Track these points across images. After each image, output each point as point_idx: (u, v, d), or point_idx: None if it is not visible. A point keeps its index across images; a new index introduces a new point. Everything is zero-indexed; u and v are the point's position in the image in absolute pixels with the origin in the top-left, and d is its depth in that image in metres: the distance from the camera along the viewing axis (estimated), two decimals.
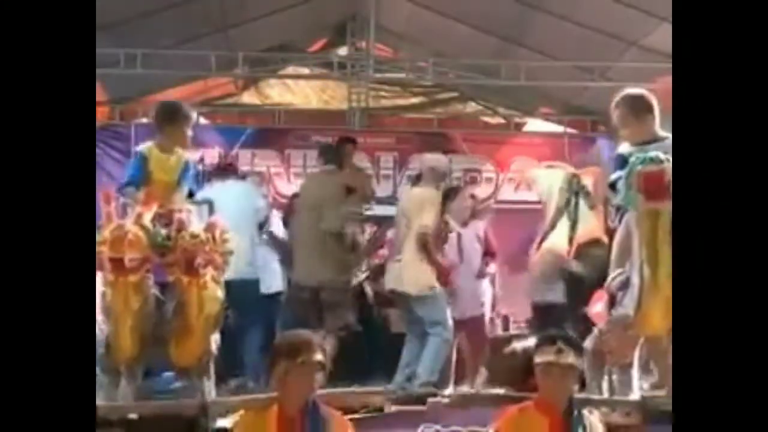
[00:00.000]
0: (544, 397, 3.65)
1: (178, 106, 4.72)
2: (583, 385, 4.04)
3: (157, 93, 9.48)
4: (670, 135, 4.21)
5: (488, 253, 6.93)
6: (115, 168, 9.01)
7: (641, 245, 3.72)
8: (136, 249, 3.75)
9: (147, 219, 3.89)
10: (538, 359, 3.65)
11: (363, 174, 8.64)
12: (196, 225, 3.95)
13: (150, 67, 8.30)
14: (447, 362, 5.99)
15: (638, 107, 4.27)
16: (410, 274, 5.72)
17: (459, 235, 6.64)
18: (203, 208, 4.69)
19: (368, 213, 7.59)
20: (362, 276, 7.20)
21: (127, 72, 8.25)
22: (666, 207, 3.66)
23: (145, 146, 4.55)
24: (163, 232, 3.90)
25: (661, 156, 3.71)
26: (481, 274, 6.84)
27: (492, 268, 7.14)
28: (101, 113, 9.02)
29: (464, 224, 6.77)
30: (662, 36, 7.13)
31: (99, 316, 4.07)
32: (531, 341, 4.25)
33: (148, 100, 9.62)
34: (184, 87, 9.42)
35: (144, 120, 9.48)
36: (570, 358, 3.61)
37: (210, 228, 3.91)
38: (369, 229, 7.94)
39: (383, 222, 7.77)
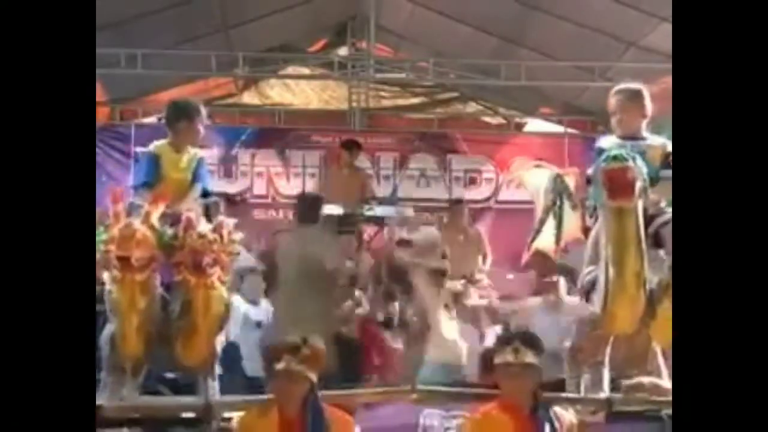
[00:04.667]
0: (506, 396, 3.66)
1: (189, 103, 4.71)
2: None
3: (157, 93, 9.51)
4: (650, 136, 4.23)
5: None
6: (115, 168, 9.04)
7: (607, 243, 3.71)
8: (144, 248, 3.73)
9: (155, 218, 3.89)
10: (496, 360, 3.67)
11: (363, 173, 8.64)
12: (203, 224, 3.95)
13: (150, 67, 8.30)
14: None
15: (635, 101, 4.30)
16: None
17: None
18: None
19: (369, 213, 7.59)
20: None
21: (127, 72, 8.25)
22: (631, 205, 3.64)
23: (156, 145, 4.53)
24: (170, 231, 3.89)
25: (625, 154, 3.71)
26: None
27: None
28: (101, 113, 9.03)
29: None
30: (662, 36, 7.14)
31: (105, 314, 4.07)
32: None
33: (148, 100, 9.65)
34: (184, 87, 9.42)
35: (144, 120, 9.52)
36: (527, 357, 3.61)
37: (218, 228, 3.91)
38: (369, 230, 7.91)
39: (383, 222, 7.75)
